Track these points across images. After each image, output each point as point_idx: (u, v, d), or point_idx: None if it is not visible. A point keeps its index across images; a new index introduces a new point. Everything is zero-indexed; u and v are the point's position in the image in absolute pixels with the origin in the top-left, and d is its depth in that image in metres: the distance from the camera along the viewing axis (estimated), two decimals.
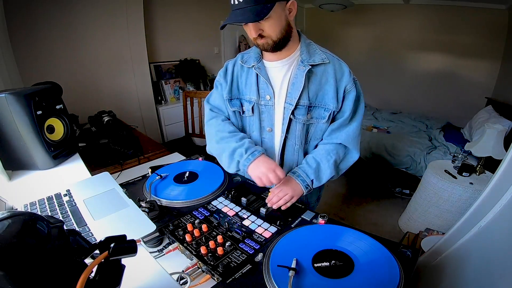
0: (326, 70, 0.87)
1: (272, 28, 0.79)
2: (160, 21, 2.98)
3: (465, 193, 1.80)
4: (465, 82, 3.35)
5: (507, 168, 0.85)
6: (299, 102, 0.88)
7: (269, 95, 0.91)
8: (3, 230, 0.33)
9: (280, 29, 0.80)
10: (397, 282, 0.56)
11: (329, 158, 0.90)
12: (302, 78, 0.85)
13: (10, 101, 0.93)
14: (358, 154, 0.95)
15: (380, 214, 2.38)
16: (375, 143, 2.73)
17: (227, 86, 0.96)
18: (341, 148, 0.92)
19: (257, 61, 0.92)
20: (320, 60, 0.86)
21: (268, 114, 0.94)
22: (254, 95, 0.93)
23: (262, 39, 0.82)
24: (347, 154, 0.94)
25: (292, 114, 0.90)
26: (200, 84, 3.47)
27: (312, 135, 0.95)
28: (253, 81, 0.93)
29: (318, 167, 0.90)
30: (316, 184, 0.90)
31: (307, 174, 0.89)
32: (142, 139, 1.65)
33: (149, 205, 0.81)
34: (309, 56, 0.87)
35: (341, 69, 0.88)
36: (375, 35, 3.89)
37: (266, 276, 0.60)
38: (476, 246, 0.91)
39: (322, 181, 0.91)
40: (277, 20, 0.78)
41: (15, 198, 0.86)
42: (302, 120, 0.91)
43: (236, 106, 0.98)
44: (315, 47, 0.90)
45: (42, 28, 2.10)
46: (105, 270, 0.41)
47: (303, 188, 0.88)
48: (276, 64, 0.90)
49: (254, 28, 0.79)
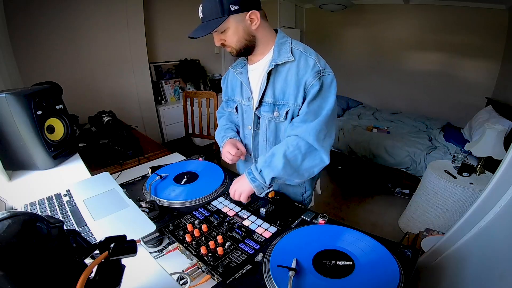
0: (290, 67, 0.88)
1: (230, 39, 0.87)
2: (160, 21, 2.98)
3: (465, 193, 1.79)
4: (465, 82, 3.35)
5: (507, 168, 0.85)
6: (263, 99, 0.93)
7: (249, 97, 0.98)
8: (3, 230, 0.33)
9: (238, 39, 0.87)
10: (397, 282, 0.56)
11: (286, 148, 0.85)
12: (265, 77, 0.90)
13: (10, 101, 0.93)
14: (327, 157, 0.88)
15: (380, 214, 2.38)
16: (375, 143, 2.73)
17: (224, 89, 1.10)
18: (302, 142, 0.86)
19: (241, 66, 1.00)
20: (285, 59, 0.88)
21: (248, 114, 1.01)
22: (238, 97, 1.03)
23: (226, 48, 0.91)
24: (311, 152, 0.87)
25: (257, 110, 0.95)
26: (200, 84, 3.47)
27: (282, 133, 0.96)
28: (238, 84, 1.02)
29: (272, 156, 0.86)
30: (267, 174, 0.83)
31: (256, 166, 0.87)
32: (142, 139, 1.65)
33: (149, 205, 0.81)
34: (278, 55, 0.89)
35: (306, 64, 0.86)
36: (375, 35, 3.89)
37: (266, 276, 0.60)
38: (476, 246, 0.91)
39: (275, 170, 0.83)
40: (235, 31, 0.85)
41: (15, 198, 0.86)
42: (267, 117, 0.95)
43: (230, 106, 1.09)
44: (288, 45, 0.90)
45: (42, 28, 2.10)
46: (105, 270, 0.41)
47: (249, 180, 0.85)
48: (254, 67, 0.96)
49: (216, 39, 0.89)
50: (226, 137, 1.06)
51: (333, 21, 4.17)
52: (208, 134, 2.48)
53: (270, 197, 0.90)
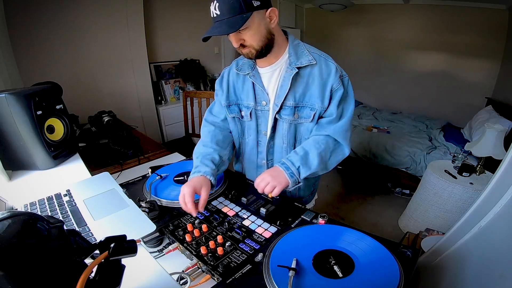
0: (312, 71, 0.89)
1: (252, 38, 0.81)
2: (160, 21, 2.98)
3: (465, 193, 1.80)
4: (465, 82, 3.35)
5: (507, 168, 0.85)
6: (285, 103, 0.90)
7: (265, 101, 0.94)
8: (3, 230, 0.33)
9: (261, 38, 0.82)
10: (397, 282, 0.56)
11: (318, 147, 0.88)
12: (289, 81, 0.87)
13: (10, 101, 0.93)
14: (348, 149, 0.94)
15: (380, 214, 2.38)
16: (375, 143, 2.73)
17: (224, 93, 1.00)
18: (330, 140, 0.91)
19: (251, 68, 0.94)
20: (307, 62, 0.87)
21: (264, 118, 0.97)
22: (251, 101, 0.96)
23: (244, 49, 0.84)
24: (337, 148, 0.93)
25: (278, 114, 0.92)
26: (200, 84, 3.47)
27: (302, 135, 0.97)
28: (250, 87, 0.96)
29: (306, 154, 0.88)
30: (304, 171, 0.86)
31: (292, 162, 0.87)
32: (142, 139, 1.65)
33: (149, 205, 0.81)
34: (297, 58, 0.88)
35: (327, 68, 0.89)
36: (375, 35, 3.89)
37: (266, 276, 0.60)
38: (476, 246, 0.91)
39: (311, 168, 0.87)
40: (257, 30, 0.80)
41: (15, 198, 0.86)
42: (288, 120, 0.93)
43: (234, 112, 1.01)
44: (303, 48, 0.91)
45: (42, 28, 2.10)
46: (105, 270, 0.41)
47: (288, 175, 0.84)
48: (268, 70, 0.92)
49: (235, 39, 0.82)
50: (198, 172, 0.88)
51: (333, 21, 4.17)
52: None
53: (270, 197, 0.90)
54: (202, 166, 0.90)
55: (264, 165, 1.04)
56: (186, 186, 0.81)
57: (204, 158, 0.93)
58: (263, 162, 1.03)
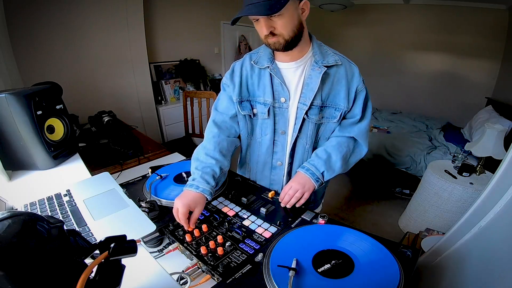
0: (338, 71, 0.88)
1: (284, 26, 0.78)
2: (160, 21, 2.98)
3: (465, 193, 1.80)
4: (465, 82, 3.35)
5: (507, 168, 0.85)
6: (313, 102, 0.87)
7: (284, 98, 0.89)
8: (3, 230, 0.33)
9: (292, 28, 0.79)
10: (397, 282, 0.56)
11: (341, 150, 0.90)
12: (318, 80, 0.85)
13: (10, 101, 0.93)
14: (367, 148, 0.96)
15: (380, 214, 2.38)
16: (375, 143, 2.72)
17: (236, 88, 0.93)
18: (351, 142, 0.94)
19: (270, 62, 0.89)
20: (334, 62, 0.87)
21: (282, 116, 0.92)
22: (269, 97, 0.90)
23: (273, 37, 0.80)
24: (357, 148, 0.95)
25: (305, 114, 0.89)
26: (200, 84, 3.48)
27: (321, 134, 0.96)
28: (267, 82, 0.90)
29: (329, 158, 0.89)
30: (328, 176, 0.89)
31: (316, 167, 0.88)
32: (142, 139, 1.65)
33: (149, 205, 0.81)
34: (323, 57, 0.87)
35: (351, 70, 0.90)
36: (375, 35, 3.89)
37: (266, 276, 0.60)
38: (476, 246, 0.91)
39: (335, 171, 0.90)
40: (290, 18, 0.77)
41: (15, 198, 0.86)
42: (314, 120, 0.91)
43: (246, 109, 0.95)
44: (326, 48, 0.91)
45: (42, 28, 2.10)
46: (105, 270, 0.41)
47: (314, 181, 0.87)
48: (290, 65, 0.89)
49: (266, 25, 0.78)
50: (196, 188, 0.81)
51: (333, 21, 4.17)
52: None
53: (270, 197, 0.90)
54: (201, 181, 0.83)
55: (280, 167, 0.99)
56: (180, 202, 0.75)
57: (204, 173, 0.85)
58: (279, 163, 0.98)
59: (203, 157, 0.90)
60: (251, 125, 0.98)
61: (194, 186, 0.82)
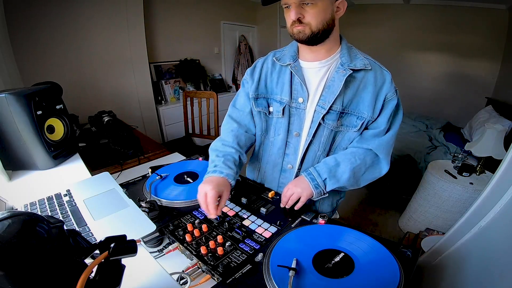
0: (366, 76, 0.82)
1: (314, 16, 0.74)
2: (160, 21, 2.98)
3: (465, 193, 1.80)
4: (465, 82, 3.35)
5: (507, 168, 0.85)
6: (332, 106, 0.82)
7: (303, 98, 0.85)
8: (3, 230, 0.33)
9: (322, 20, 0.74)
10: (397, 282, 0.56)
11: (353, 161, 0.83)
12: (341, 83, 0.80)
13: (10, 101, 0.93)
14: (387, 166, 0.88)
15: (380, 214, 2.38)
16: None
17: (254, 83, 0.91)
18: (369, 155, 0.85)
19: (293, 59, 0.86)
20: (362, 66, 0.81)
21: (298, 117, 0.88)
22: (286, 96, 0.86)
23: (299, 26, 0.75)
24: (376, 164, 0.87)
25: (322, 119, 0.84)
26: (200, 84, 3.48)
27: (338, 144, 0.90)
28: (286, 80, 0.87)
29: (336, 166, 0.83)
30: (331, 184, 0.82)
31: (319, 172, 0.82)
32: (142, 139, 1.65)
33: (149, 205, 0.81)
34: (350, 59, 0.81)
35: (382, 76, 0.83)
36: (375, 35, 3.89)
37: (266, 276, 0.60)
38: (476, 246, 0.91)
39: (339, 182, 0.82)
40: (322, 10, 0.73)
41: (15, 198, 0.86)
42: (331, 126, 0.85)
43: (261, 106, 0.92)
44: (356, 51, 0.85)
45: (42, 28, 2.10)
46: (105, 270, 0.41)
47: (312, 187, 0.81)
48: (314, 65, 0.84)
49: (296, 11, 0.73)
50: (220, 173, 0.80)
51: None
52: (208, 134, 2.48)
53: (270, 197, 0.90)
54: (224, 167, 0.82)
55: (290, 170, 0.94)
56: (208, 186, 0.73)
57: (226, 159, 0.85)
58: (289, 166, 0.94)
59: (222, 148, 0.90)
60: (266, 123, 0.95)
61: (217, 172, 0.81)
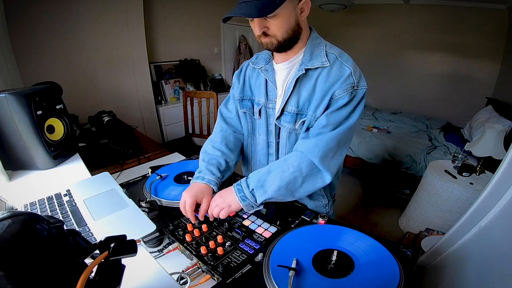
0: (321, 73, 0.78)
1: (278, 27, 0.72)
2: (160, 21, 2.98)
3: (465, 193, 1.80)
4: (465, 82, 3.35)
5: (507, 168, 0.85)
6: (286, 108, 0.82)
7: (276, 98, 0.86)
8: (3, 230, 0.33)
9: (287, 29, 0.73)
10: (397, 282, 0.56)
11: (285, 169, 0.76)
12: (291, 84, 0.79)
13: (10, 101, 0.93)
14: (329, 176, 0.77)
15: (380, 214, 2.38)
16: (375, 143, 2.73)
17: (240, 85, 0.94)
18: (305, 161, 0.76)
19: (265, 62, 0.87)
20: (319, 64, 0.77)
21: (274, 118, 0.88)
22: (262, 98, 0.88)
23: (266, 38, 0.75)
24: (314, 174, 0.77)
25: (277, 120, 0.84)
26: (200, 84, 3.48)
27: None
28: (263, 82, 0.88)
29: (267, 174, 0.77)
30: (260, 196, 0.76)
31: (248, 183, 0.77)
32: (142, 139, 1.65)
33: (149, 205, 0.81)
34: (310, 58, 0.79)
35: (339, 73, 0.76)
36: (375, 35, 3.89)
37: (266, 276, 0.60)
38: (476, 246, 0.91)
39: (267, 193, 0.76)
40: (285, 19, 0.72)
41: (15, 198, 0.86)
42: (287, 128, 0.84)
43: (246, 107, 0.93)
44: (322, 48, 0.80)
45: (43, 28, 2.10)
46: (105, 270, 0.41)
47: (239, 199, 0.76)
48: (282, 66, 0.84)
49: (259, 25, 0.72)
50: (202, 179, 0.82)
51: (333, 21, 4.17)
52: (208, 134, 2.48)
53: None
54: (207, 172, 0.85)
55: None
56: (188, 194, 0.77)
57: (210, 164, 0.87)
58: None
59: (210, 149, 0.93)
60: (251, 124, 0.96)
61: (200, 178, 0.84)
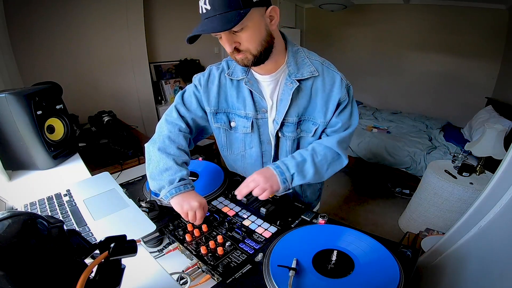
0: (315, 83, 0.81)
1: (249, 40, 0.68)
2: (160, 21, 2.98)
3: (465, 193, 1.80)
4: (465, 82, 3.35)
5: (507, 168, 0.85)
6: (286, 119, 0.83)
7: (265, 108, 0.85)
8: (3, 230, 0.33)
9: (260, 41, 0.69)
10: (397, 282, 0.56)
11: (315, 157, 0.82)
12: (289, 96, 0.79)
13: (10, 101, 0.93)
14: (346, 160, 0.89)
15: (380, 214, 2.38)
16: (375, 143, 2.73)
17: (213, 97, 0.86)
18: (329, 151, 0.84)
19: (245, 73, 0.82)
20: (309, 74, 0.79)
21: (266, 127, 0.88)
22: (251, 110, 0.84)
23: (239, 54, 0.71)
24: (337, 160, 0.87)
25: (280, 132, 0.85)
26: None
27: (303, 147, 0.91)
28: (247, 95, 0.84)
29: (303, 162, 0.81)
30: (297, 180, 0.80)
31: (287, 167, 0.79)
32: (142, 139, 1.65)
33: (149, 205, 0.81)
34: (297, 68, 0.80)
35: (331, 79, 0.81)
36: (375, 35, 3.89)
37: (266, 276, 0.60)
38: (476, 246, 0.91)
39: (306, 178, 0.81)
40: (255, 30, 0.67)
41: (15, 198, 0.86)
42: (291, 137, 0.87)
43: (221, 121, 0.89)
44: (303, 55, 0.82)
45: (42, 28, 2.10)
46: (105, 270, 0.41)
47: (280, 182, 0.78)
48: (265, 78, 0.82)
49: (228, 41, 0.68)
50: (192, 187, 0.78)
51: (333, 21, 4.17)
52: None
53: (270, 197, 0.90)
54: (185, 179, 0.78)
55: None
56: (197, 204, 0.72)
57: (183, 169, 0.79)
58: None
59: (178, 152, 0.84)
60: (226, 139, 0.92)
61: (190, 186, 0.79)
